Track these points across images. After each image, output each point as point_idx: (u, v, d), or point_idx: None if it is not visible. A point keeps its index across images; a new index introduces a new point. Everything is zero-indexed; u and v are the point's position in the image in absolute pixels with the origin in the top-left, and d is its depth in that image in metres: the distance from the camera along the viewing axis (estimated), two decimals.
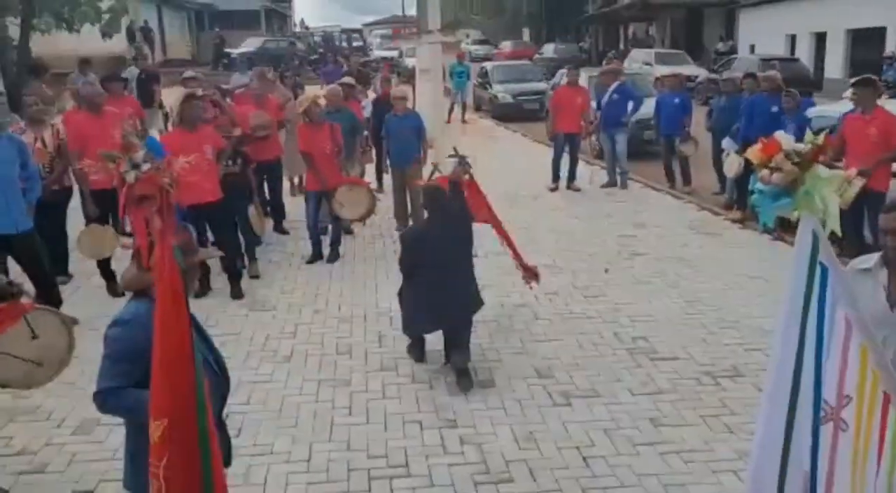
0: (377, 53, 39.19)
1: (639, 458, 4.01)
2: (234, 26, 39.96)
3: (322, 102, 8.00)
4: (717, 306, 6.15)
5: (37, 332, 3.57)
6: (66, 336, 3.72)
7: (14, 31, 13.50)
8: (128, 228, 5.59)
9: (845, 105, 8.58)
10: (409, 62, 29.48)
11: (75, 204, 6.78)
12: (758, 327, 5.70)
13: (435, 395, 4.75)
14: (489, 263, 7.36)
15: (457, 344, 4.98)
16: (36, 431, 4.36)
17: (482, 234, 8.19)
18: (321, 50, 38.69)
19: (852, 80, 7.32)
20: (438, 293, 4.87)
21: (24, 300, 3.71)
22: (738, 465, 3.86)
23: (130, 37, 27.74)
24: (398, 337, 5.51)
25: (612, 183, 11.02)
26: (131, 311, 2.64)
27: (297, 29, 56.12)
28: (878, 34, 22.44)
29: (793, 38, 27.07)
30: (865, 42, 23.11)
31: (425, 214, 5.31)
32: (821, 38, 25.65)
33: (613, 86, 11.20)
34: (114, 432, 4.23)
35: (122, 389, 2.54)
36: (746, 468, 3.14)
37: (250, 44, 34.42)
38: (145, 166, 2.56)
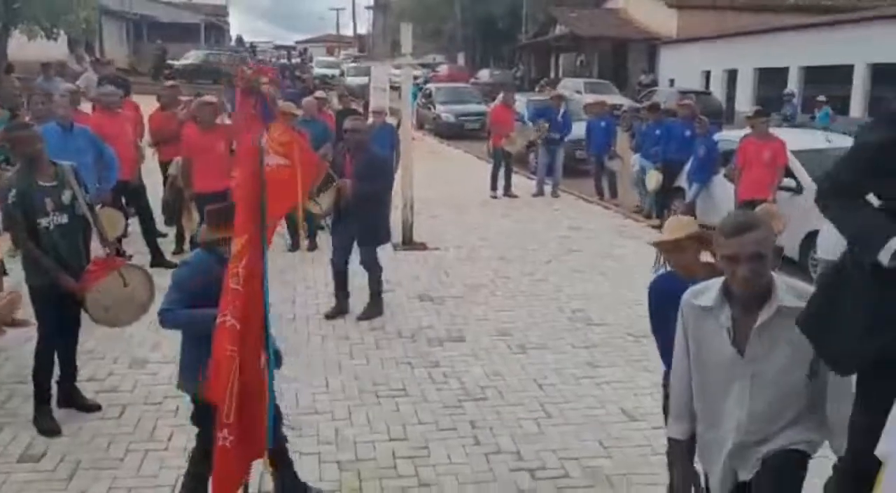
0: (317, 71, 40.04)
1: (580, 386, 5.27)
2: (172, 38, 40.28)
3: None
4: (636, 289, 7.49)
5: (128, 282, 4.58)
6: (148, 288, 4.70)
7: None
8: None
9: (746, 132, 10.26)
10: (353, 81, 30.67)
11: None
12: None
13: (420, 346, 5.93)
14: (451, 254, 8.66)
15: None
16: None
17: (451, 226, 9.43)
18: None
19: (746, 114, 9.00)
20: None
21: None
22: (653, 391, 5.13)
23: (70, 44, 27.99)
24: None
25: (539, 193, 12.46)
26: (197, 256, 3.58)
27: (233, 43, 56.51)
28: (782, 73, 24.92)
29: (707, 74, 29.52)
30: (771, 80, 25.58)
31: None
32: (732, 75, 28.12)
33: (561, 110, 12.72)
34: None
35: (174, 310, 3.43)
36: (656, 392, 4.24)
37: (193, 56, 34.73)
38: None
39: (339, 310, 6.60)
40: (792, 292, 2.36)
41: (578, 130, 13.19)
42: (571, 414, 4.82)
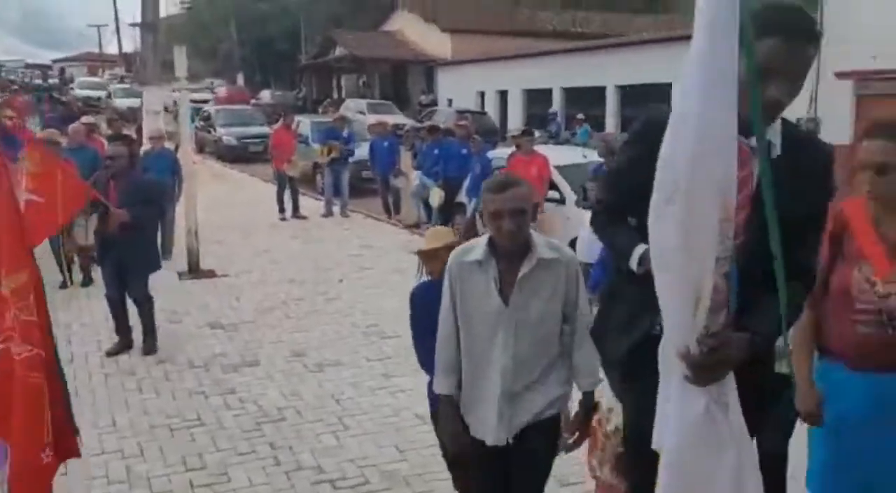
0: (80, 93, 37.46)
1: (376, 397, 5.48)
2: None
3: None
4: None
5: None
6: None
7: None
8: None
9: (513, 149, 11.16)
10: (122, 103, 29.00)
11: None
12: None
13: (214, 374, 5.84)
14: (241, 280, 8.56)
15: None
16: None
17: (239, 250, 9.25)
18: (15, 87, 36.02)
19: (512, 133, 9.78)
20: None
21: None
22: None
23: None
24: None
25: (328, 213, 12.67)
26: None
27: None
28: (547, 94, 27.15)
29: (482, 94, 31.39)
30: (537, 100, 27.77)
31: None
32: (504, 96, 30.14)
33: (345, 131, 13.03)
34: None
35: None
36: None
37: None
38: None
39: (123, 345, 6.31)
40: (548, 246, 2.70)
41: (363, 150, 13.55)
42: (369, 424, 5.01)
